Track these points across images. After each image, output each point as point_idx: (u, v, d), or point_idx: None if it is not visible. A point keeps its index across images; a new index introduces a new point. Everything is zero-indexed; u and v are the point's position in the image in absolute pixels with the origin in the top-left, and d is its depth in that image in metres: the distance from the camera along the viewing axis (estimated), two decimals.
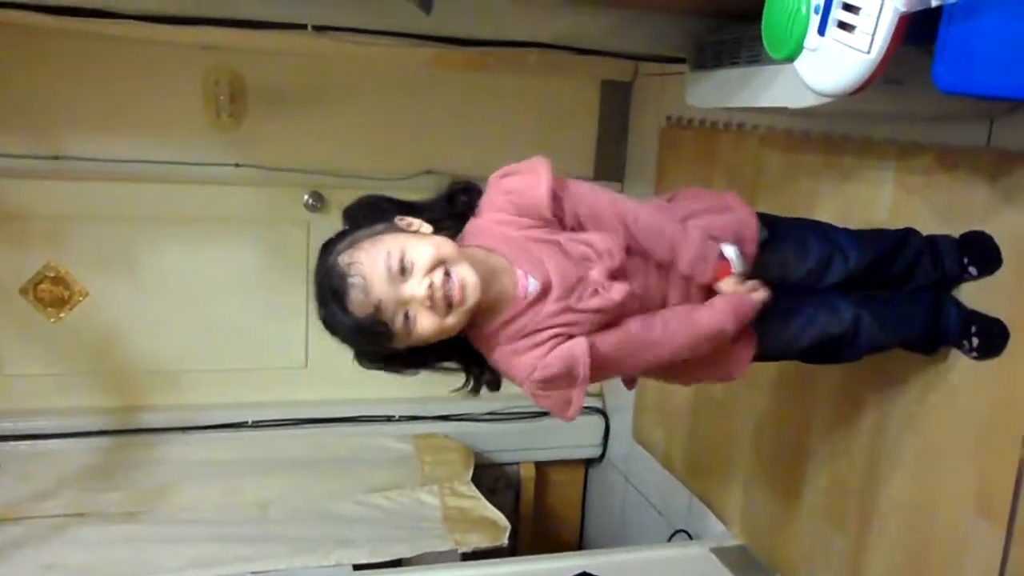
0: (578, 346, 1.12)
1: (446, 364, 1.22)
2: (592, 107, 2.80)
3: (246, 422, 2.73)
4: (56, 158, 2.44)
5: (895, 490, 1.67)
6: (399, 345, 1.11)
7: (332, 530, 2.26)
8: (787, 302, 1.34)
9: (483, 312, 1.13)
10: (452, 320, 1.09)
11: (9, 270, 2.55)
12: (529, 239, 1.16)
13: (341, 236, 1.15)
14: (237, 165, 2.56)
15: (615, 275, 1.15)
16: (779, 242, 1.32)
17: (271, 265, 2.67)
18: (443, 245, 1.11)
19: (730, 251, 1.23)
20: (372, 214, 1.17)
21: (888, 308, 1.46)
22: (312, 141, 2.61)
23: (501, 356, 1.16)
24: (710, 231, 1.26)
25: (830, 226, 1.47)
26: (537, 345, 1.13)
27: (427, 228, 1.15)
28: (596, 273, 1.14)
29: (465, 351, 1.20)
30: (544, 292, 1.14)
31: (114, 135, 2.48)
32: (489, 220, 1.19)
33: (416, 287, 1.07)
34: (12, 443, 2.53)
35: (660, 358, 1.20)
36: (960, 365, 1.51)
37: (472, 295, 1.09)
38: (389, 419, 2.83)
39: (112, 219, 2.58)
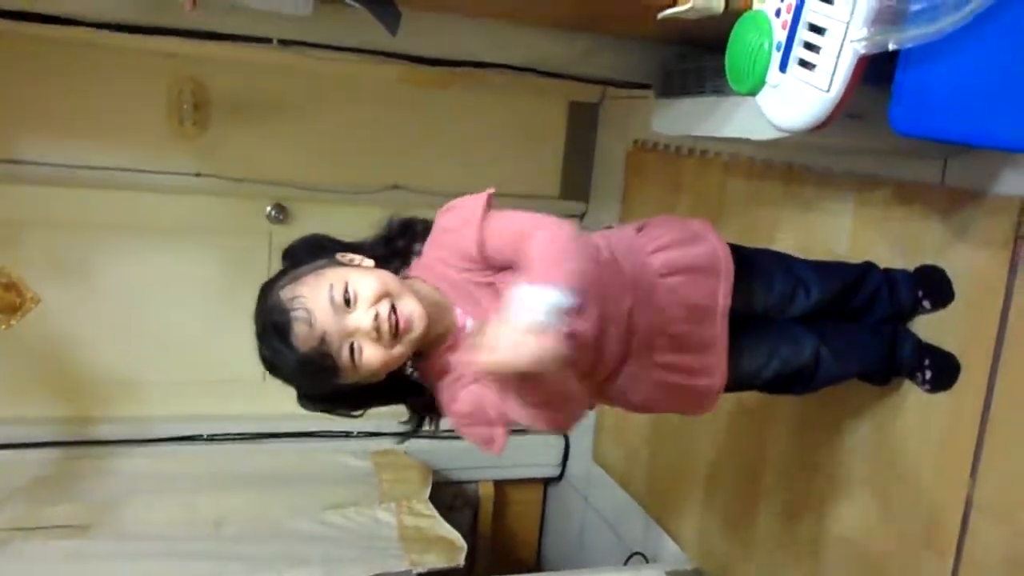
0: (484, 387, 1.08)
1: (389, 402, 1.21)
2: (559, 127, 2.81)
3: (201, 435, 2.68)
4: (12, 162, 2.38)
5: (847, 519, 1.69)
6: (345, 380, 1.08)
7: (287, 548, 2.22)
8: (750, 334, 1.35)
9: (427, 347, 1.13)
10: (399, 350, 1.08)
11: None
12: (468, 282, 1.15)
13: (281, 275, 1.13)
14: (199, 175, 2.53)
15: None
16: (744, 274, 1.32)
17: (231, 277, 2.63)
18: (387, 277, 1.10)
19: (523, 292, 0.93)
20: (313, 253, 1.16)
21: (848, 340, 1.48)
22: (276, 152, 2.58)
23: (438, 389, 1.16)
24: (680, 264, 1.26)
25: (794, 259, 1.48)
26: (457, 380, 1.12)
27: (368, 262, 1.15)
28: None
29: (407, 388, 1.19)
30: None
31: (73, 140, 2.43)
32: (432, 257, 1.18)
33: (362, 318, 1.06)
34: None
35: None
36: (913, 397, 1.54)
37: (419, 324, 1.08)
38: (348, 435, 2.79)
39: (68, 225, 2.53)
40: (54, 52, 2.32)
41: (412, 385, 1.19)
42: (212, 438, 2.69)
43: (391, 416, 2.86)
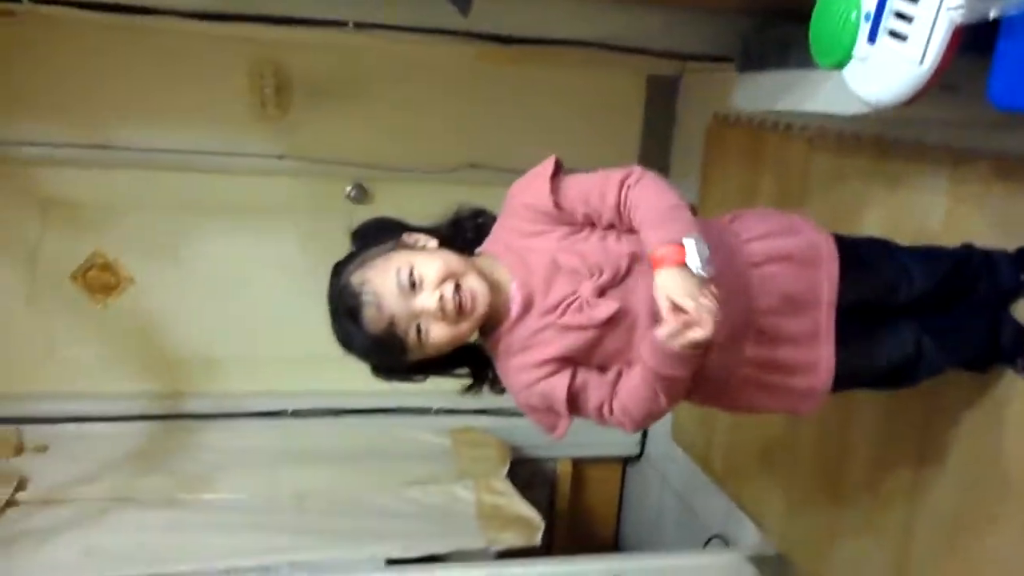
0: (559, 384, 1.11)
1: (457, 370, 1.23)
2: (638, 102, 2.75)
3: (286, 411, 2.76)
4: (105, 147, 2.48)
5: (939, 508, 1.62)
6: (413, 357, 1.12)
7: (367, 523, 2.28)
8: (850, 329, 1.28)
9: (488, 321, 1.15)
10: (464, 327, 1.12)
11: (60, 256, 2.61)
12: (528, 249, 1.15)
13: (351, 257, 1.16)
14: (281, 156, 2.58)
15: (604, 291, 1.11)
16: (846, 265, 1.24)
17: (313, 255, 2.68)
18: (450, 259, 1.13)
19: (691, 242, 1.02)
20: (380, 235, 1.18)
21: (948, 328, 1.40)
22: (356, 133, 2.61)
23: (501, 367, 1.18)
24: (777, 253, 1.21)
25: (897, 247, 1.41)
26: (526, 367, 1.13)
27: (433, 243, 1.17)
28: (585, 289, 1.11)
29: (473, 357, 1.22)
30: (527, 307, 1.13)
31: (161, 125, 2.51)
32: (501, 225, 1.20)
33: (427, 300, 1.09)
34: (60, 425, 2.59)
35: (640, 412, 1.12)
36: (1016, 386, 1.45)
37: (482, 303, 1.11)
38: (427, 411, 2.83)
39: (158, 208, 2.62)
40: (141, 41, 2.38)
41: (478, 355, 1.22)
42: (296, 413, 2.76)
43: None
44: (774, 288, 1.20)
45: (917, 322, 1.35)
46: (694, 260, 1.00)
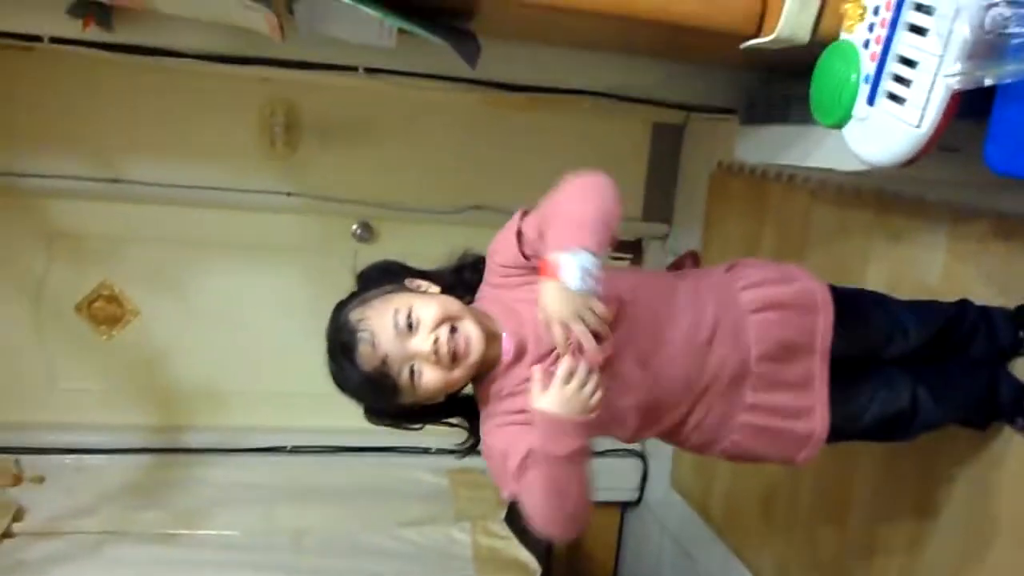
0: (525, 437, 1.08)
1: (450, 420, 1.25)
2: (642, 149, 2.77)
3: (285, 447, 2.75)
4: (115, 181, 2.50)
5: (938, 562, 1.61)
6: (405, 400, 1.13)
7: (363, 564, 2.26)
8: (845, 379, 1.30)
9: (481, 372, 1.16)
10: (458, 373, 1.12)
11: (66, 287, 2.62)
12: (516, 300, 1.17)
13: (353, 296, 1.19)
14: (289, 194, 2.60)
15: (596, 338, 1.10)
16: (841, 315, 1.26)
17: (317, 293, 2.68)
18: (449, 303, 1.14)
19: (569, 258, 1.01)
20: (385, 277, 1.21)
21: (944, 383, 1.40)
22: (363, 173, 2.64)
23: (483, 413, 1.19)
24: (773, 300, 1.23)
25: (892, 300, 1.43)
26: (506, 412, 1.14)
27: (435, 288, 1.19)
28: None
29: (467, 409, 1.22)
30: (519, 356, 1.14)
31: (172, 161, 2.53)
32: (486, 282, 1.23)
33: (422, 343, 1.10)
34: (58, 456, 2.59)
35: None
36: (1015, 444, 1.45)
37: (476, 350, 1.11)
38: (426, 451, 2.82)
39: (166, 242, 2.64)
40: (154, 78, 2.41)
41: (470, 406, 1.22)
42: (295, 450, 2.75)
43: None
44: (771, 335, 1.21)
45: (912, 374, 1.35)
46: (572, 277, 1.01)
